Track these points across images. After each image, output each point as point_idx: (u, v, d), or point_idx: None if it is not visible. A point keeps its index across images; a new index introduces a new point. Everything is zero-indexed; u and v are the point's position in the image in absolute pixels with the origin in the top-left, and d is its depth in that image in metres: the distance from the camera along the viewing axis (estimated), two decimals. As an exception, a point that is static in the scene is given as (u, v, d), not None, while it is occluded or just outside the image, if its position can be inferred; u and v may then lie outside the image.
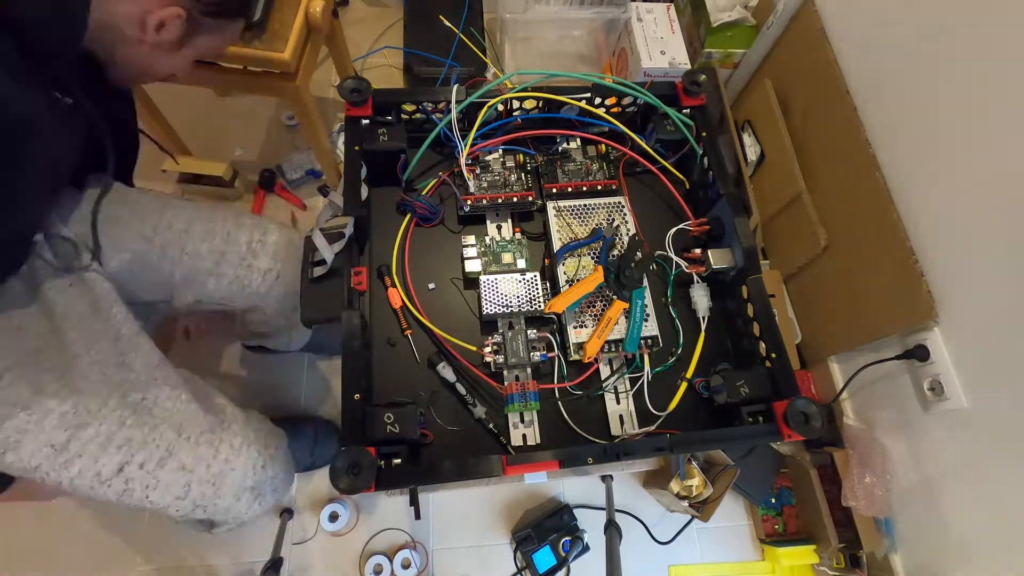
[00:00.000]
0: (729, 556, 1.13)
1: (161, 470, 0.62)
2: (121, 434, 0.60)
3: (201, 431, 0.65)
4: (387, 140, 0.69)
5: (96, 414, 0.59)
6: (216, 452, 0.65)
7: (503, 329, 0.65)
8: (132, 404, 0.62)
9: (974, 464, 0.84)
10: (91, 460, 0.58)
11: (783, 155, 1.11)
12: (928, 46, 0.86)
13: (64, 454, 0.57)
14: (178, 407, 0.65)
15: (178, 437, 0.63)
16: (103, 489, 0.60)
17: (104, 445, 0.59)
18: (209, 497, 0.65)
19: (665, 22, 1.27)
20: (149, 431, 0.61)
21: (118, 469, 0.60)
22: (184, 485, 0.63)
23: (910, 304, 0.88)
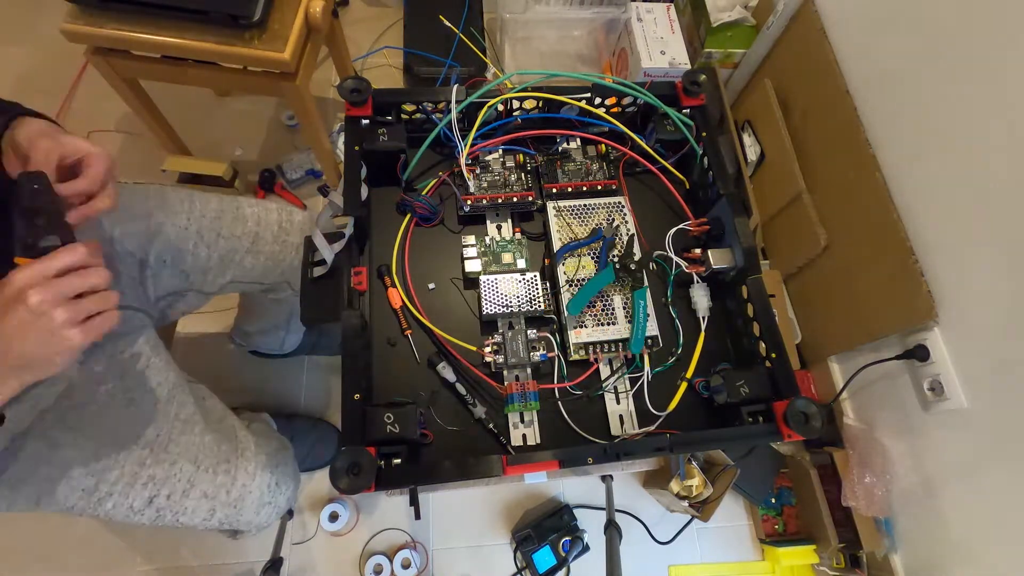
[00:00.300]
0: (729, 556, 1.13)
1: (186, 499, 0.66)
2: (144, 473, 0.63)
3: (217, 462, 0.69)
4: (387, 140, 0.69)
5: (116, 459, 0.61)
6: (233, 480, 0.70)
7: (503, 329, 0.65)
8: (148, 443, 0.64)
9: (974, 464, 0.84)
10: (122, 497, 0.62)
11: (783, 155, 1.12)
12: (928, 46, 0.86)
13: (96, 494, 0.61)
14: (192, 440, 0.68)
15: (196, 470, 0.67)
16: (137, 518, 0.64)
17: (131, 483, 0.62)
18: (232, 516, 0.70)
19: (665, 22, 1.27)
20: (169, 467, 0.65)
21: (148, 502, 0.63)
22: (209, 509, 0.68)
23: (910, 304, 0.88)
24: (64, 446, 0.58)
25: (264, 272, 0.78)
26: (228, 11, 0.87)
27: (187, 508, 0.66)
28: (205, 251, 0.71)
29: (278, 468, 0.76)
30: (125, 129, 1.36)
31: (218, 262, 0.73)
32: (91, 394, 0.61)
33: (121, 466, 0.61)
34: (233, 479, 0.70)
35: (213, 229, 0.72)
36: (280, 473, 0.77)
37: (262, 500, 0.73)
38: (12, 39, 1.45)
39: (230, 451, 0.71)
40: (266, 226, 0.77)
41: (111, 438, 0.61)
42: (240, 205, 0.76)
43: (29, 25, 1.47)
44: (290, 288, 0.84)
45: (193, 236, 0.70)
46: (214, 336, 1.18)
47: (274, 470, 0.75)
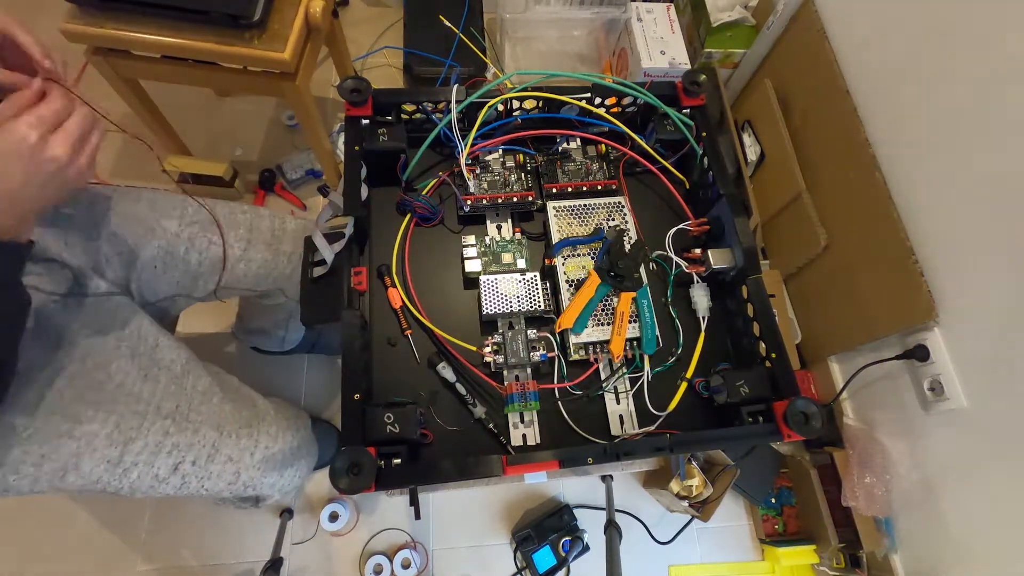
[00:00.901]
0: (729, 556, 1.13)
1: (212, 464, 0.67)
2: (168, 441, 0.64)
3: (239, 426, 0.70)
4: (387, 140, 0.69)
5: (139, 429, 0.62)
6: (256, 443, 0.71)
7: (503, 329, 0.65)
8: (169, 414, 0.65)
9: (974, 464, 0.84)
10: (147, 466, 0.62)
11: (783, 155, 1.12)
12: (928, 45, 0.86)
13: (121, 465, 0.61)
14: (212, 409, 0.69)
15: (219, 435, 0.68)
16: (162, 486, 0.64)
17: (155, 453, 0.63)
18: (257, 479, 0.71)
19: (665, 22, 1.27)
20: (192, 434, 0.65)
21: (173, 469, 0.64)
22: (234, 473, 0.69)
23: (910, 304, 0.88)
24: (87, 421, 0.59)
25: (256, 279, 0.78)
26: (228, 11, 0.87)
27: (212, 473, 0.67)
28: (196, 257, 0.71)
29: (299, 432, 0.79)
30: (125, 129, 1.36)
31: (209, 268, 0.73)
32: (106, 373, 0.62)
33: (145, 436, 0.62)
34: (256, 442, 0.71)
35: (204, 235, 0.72)
36: (301, 437, 0.79)
37: (285, 462, 0.74)
38: (12, 39, 1.45)
39: (251, 416, 0.72)
40: (258, 233, 0.77)
41: (132, 411, 0.62)
42: (232, 211, 0.76)
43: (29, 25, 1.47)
44: (283, 296, 0.85)
45: (184, 242, 0.70)
46: (214, 336, 1.18)
47: (295, 433, 0.77)
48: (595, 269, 0.68)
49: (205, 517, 1.06)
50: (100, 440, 0.59)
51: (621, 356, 0.66)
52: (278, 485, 0.76)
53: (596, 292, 0.66)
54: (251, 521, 1.06)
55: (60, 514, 1.05)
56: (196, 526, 1.06)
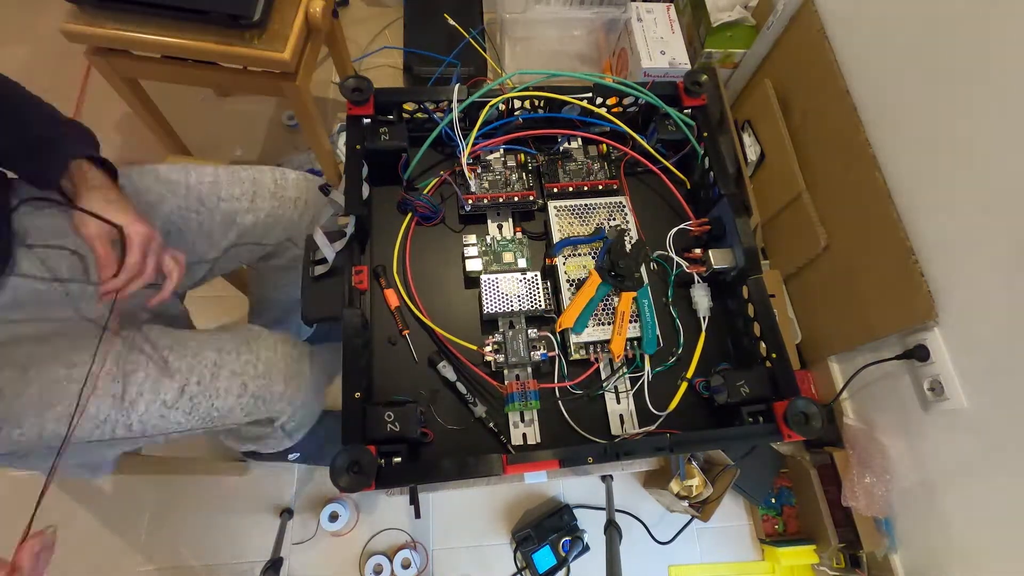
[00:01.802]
0: (729, 556, 1.13)
1: (217, 381, 0.67)
2: (170, 367, 0.65)
3: (237, 344, 0.71)
4: (388, 139, 0.69)
5: (138, 362, 0.63)
6: (257, 356, 0.72)
7: (504, 328, 0.65)
8: (168, 345, 0.66)
9: (974, 464, 0.84)
10: (153, 394, 0.63)
11: (783, 155, 1.12)
12: (928, 45, 0.86)
13: (126, 397, 0.62)
14: (210, 335, 0.71)
15: (219, 354, 0.69)
16: (172, 414, 0.65)
17: (158, 379, 0.63)
18: (265, 387, 0.72)
19: (665, 22, 1.27)
20: (192, 358, 0.67)
21: (180, 392, 0.65)
22: (240, 385, 0.69)
23: (910, 304, 0.88)
24: (82, 364, 0.59)
25: (265, 230, 0.80)
26: (228, 11, 0.87)
27: (219, 389, 0.67)
28: (208, 215, 0.74)
29: (296, 346, 0.79)
30: (125, 129, 1.36)
31: (220, 224, 0.75)
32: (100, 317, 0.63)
33: (145, 366, 0.63)
34: (256, 355, 0.72)
35: (212, 193, 0.74)
36: (299, 349, 0.80)
37: (288, 370, 0.75)
38: (12, 39, 1.45)
39: (248, 336, 0.74)
40: (262, 184, 0.79)
41: (130, 350, 0.63)
42: (235, 170, 0.78)
43: (29, 25, 1.47)
44: (294, 247, 0.86)
45: (194, 203, 0.73)
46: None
47: (293, 346, 0.78)
48: (596, 269, 0.68)
49: (205, 517, 1.07)
50: (103, 379, 0.60)
51: (622, 356, 0.66)
52: (287, 395, 0.76)
53: (597, 292, 0.66)
54: (251, 521, 1.06)
55: (60, 514, 1.05)
56: (196, 526, 1.06)
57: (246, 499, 1.08)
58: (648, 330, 0.66)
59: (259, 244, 0.82)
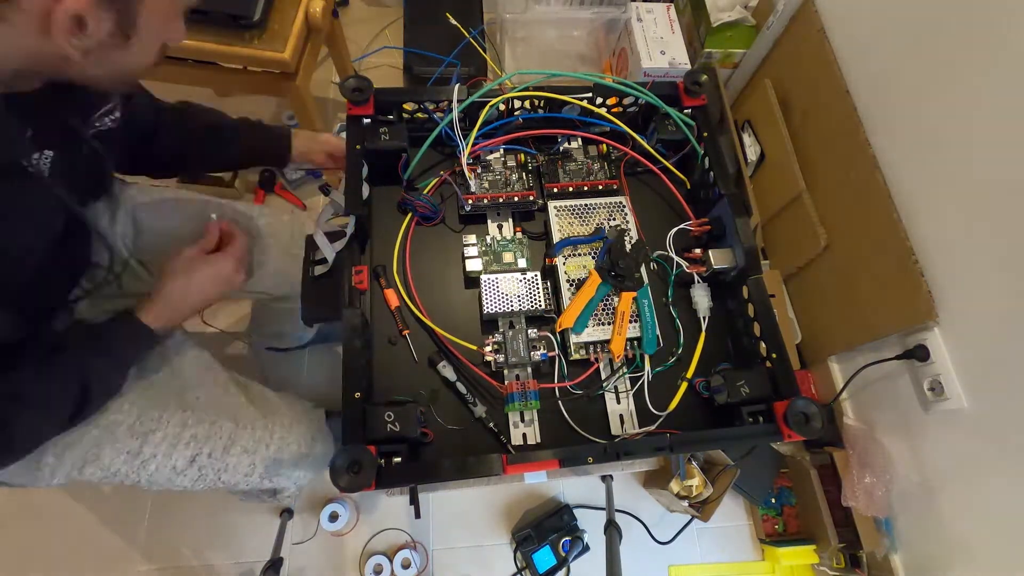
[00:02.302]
0: (729, 556, 1.13)
1: (228, 456, 0.68)
2: (187, 433, 0.65)
3: (255, 418, 0.72)
4: (388, 139, 0.69)
5: (159, 420, 0.64)
6: (272, 434, 0.72)
7: (504, 328, 0.65)
8: (190, 404, 0.66)
9: (974, 464, 0.84)
10: (166, 458, 0.64)
11: (783, 155, 1.12)
12: (928, 46, 0.86)
13: (140, 457, 0.63)
14: (230, 401, 0.71)
15: (236, 427, 0.69)
16: (179, 479, 0.66)
17: (174, 444, 0.64)
18: (272, 469, 0.73)
19: (665, 22, 1.27)
20: (210, 426, 0.67)
21: (191, 461, 0.65)
22: (250, 464, 0.70)
23: (910, 304, 0.88)
24: (110, 411, 0.61)
25: (274, 284, 0.81)
26: (228, 11, 0.87)
27: (229, 465, 0.68)
28: None
29: (312, 423, 0.80)
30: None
31: None
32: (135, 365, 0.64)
33: (164, 427, 0.63)
34: (271, 433, 0.72)
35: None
36: (315, 428, 0.80)
37: (300, 452, 0.75)
38: (12, 39, 1.45)
39: (265, 410, 0.74)
40: (277, 239, 0.80)
41: (154, 402, 0.64)
42: (253, 217, 0.79)
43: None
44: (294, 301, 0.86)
45: None
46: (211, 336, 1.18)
47: (308, 424, 0.78)
48: (596, 269, 0.68)
49: (205, 517, 1.06)
50: (122, 430, 0.61)
51: (622, 356, 0.66)
52: (294, 476, 0.77)
53: (597, 292, 0.66)
54: (251, 521, 1.06)
55: (60, 514, 1.05)
56: (196, 526, 1.06)
57: (246, 499, 1.08)
58: (648, 330, 0.66)
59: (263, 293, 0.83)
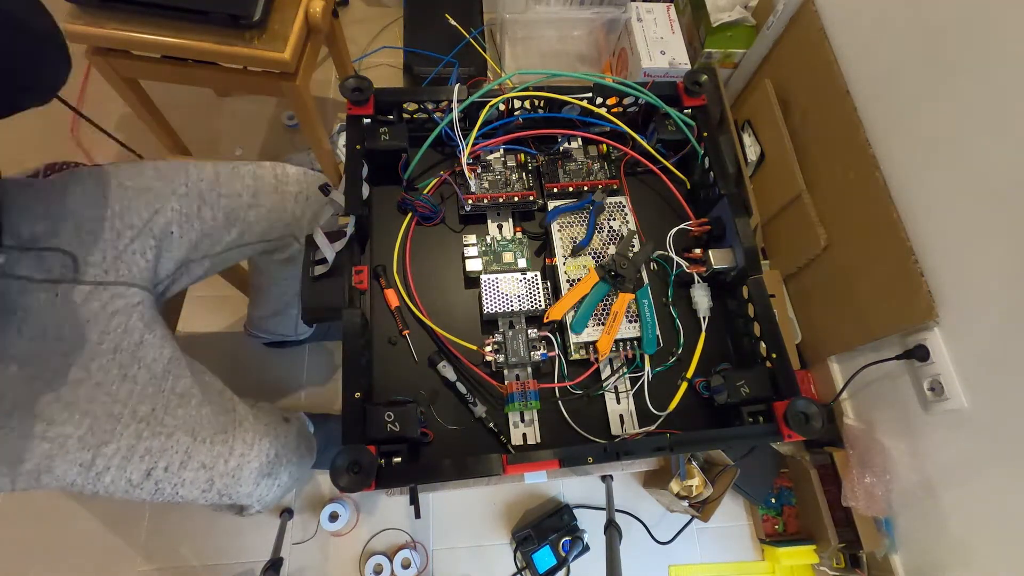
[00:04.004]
0: (729, 556, 1.13)
1: (184, 471, 0.66)
2: (141, 446, 0.63)
3: (214, 432, 0.69)
4: (388, 139, 0.69)
5: (112, 432, 0.61)
6: (231, 449, 0.70)
7: (504, 328, 0.65)
8: (144, 417, 0.64)
9: (974, 464, 0.84)
10: (120, 471, 0.62)
11: (783, 155, 1.12)
12: (928, 46, 0.86)
13: (93, 469, 0.61)
14: (189, 413, 0.68)
15: (193, 441, 0.67)
16: (136, 492, 0.64)
17: (127, 457, 0.62)
18: (231, 486, 0.70)
19: (665, 22, 1.27)
20: (165, 439, 0.64)
21: (146, 474, 0.63)
22: (207, 480, 0.68)
23: (910, 304, 0.88)
24: (60, 422, 0.59)
25: (268, 226, 0.79)
26: (228, 11, 0.87)
27: (185, 480, 0.66)
28: (209, 212, 0.72)
29: (277, 440, 0.77)
30: (125, 129, 1.36)
31: (223, 220, 0.74)
32: (86, 371, 0.61)
33: (118, 439, 0.61)
34: (231, 449, 0.70)
35: (213, 190, 0.73)
36: (280, 445, 0.77)
37: (261, 471, 0.73)
38: (12, 39, 1.45)
39: (227, 422, 0.71)
40: (263, 179, 0.78)
41: (107, 412, 0.61)
42: (236, 165, 0.77)
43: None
44: (296, 242, 0.85)
45: (195, 200, 0.71)
46: (215, 335, 1.18)
47: (273, 441, 0.76)
48: (596, 268, 0.68)
49: (205, 517, 1.06)
50: (72, 442, 0.59)
51: (607, 355, 0.66)
52: (255, 495, 0.74)
53: (595, 290, 0.66)
54: (251, 521, 1.06)
55: (60, 514, 1.05)
56: (196, 526, 1.06)
57: (246, 499, 1.08)
58: (648, 330, 0.66)
59: (261, 240, 0.81)
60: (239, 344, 1.16)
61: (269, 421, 0.79)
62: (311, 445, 0.93)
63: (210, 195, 0.73)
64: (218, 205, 0.73)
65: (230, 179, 0.75)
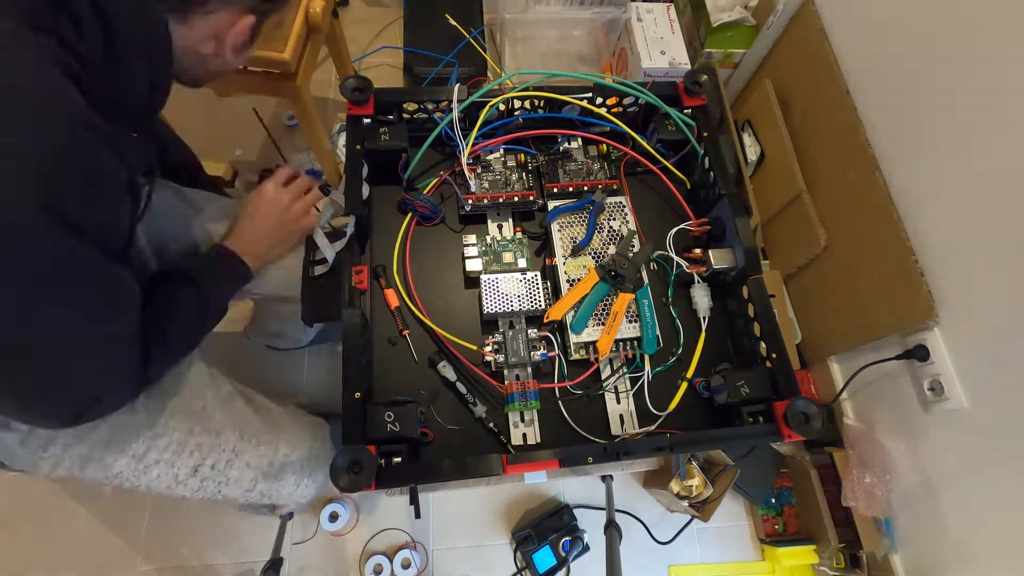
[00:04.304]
0: (729, 556, 1.13)
1: (231, 469, 0.67)
2: (192, 441, 0.64)
3: (259, 432, 0.70)
4: (388, 139, 0.69)
5: (166, 425, 0.62)
6: (276, 450, 0.71)
7: (504, 328, 0.65)
8: (195, 412, 0.65)
9: (974, 464, 0.84)
10: (168, 465, 0.63)
11: (783, 155, 1.12)
12: (928, 46, 0.86)
13: (144, 461, 0.61)
14: (235, 412, 0.69)
15: (240, 440, 0.68)
16: (180, 488, 0.65)
17: (178, 452, 0.63)
18: (273, 487, 0.72)
19: (665, 22, 1.27)
20: (215, 436, 0.66)
21: (193, 471, 0.64)
22: (251, 479, 0.69)
23: (910, 304, 0.88)
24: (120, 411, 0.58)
25: (281, 285, 0.78)
26: (229, 11, 0.87)
27: (230, 478, 0.67)
28: None
29: (315, 441, 0.79)
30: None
31: None
32: None
33: (171, 432, 0.62)
34: (275, 449, 0.71)
35: None
36: (319, 448, 0.79)
37: (302, 472, 0.74)
38: (12, 39, 1.45)
39: (270, 424, 0.73)
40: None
41: (161, 406, 0.62)
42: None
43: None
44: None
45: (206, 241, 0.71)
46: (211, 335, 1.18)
47: (312, 442, 0.77)
48: (596, 268, 0.68)
49: (205, 517, 1.06)
50: (130, 432, 0.59)
51: (607, 355, 0.66)
52: (295, 495, 0.76)
53: (595, 290, 0.66)
54: (251, 521, 1.06)
55: (60, 514, 1.05)
56: (196, 526, 1.06)
57: (246, 499, 1.08)
58: (648, 330, 0.66)
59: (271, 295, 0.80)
60: (239, 344, 1.16)
61: (306, 424, 0.80)
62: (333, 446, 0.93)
63: None
64: None
65: None
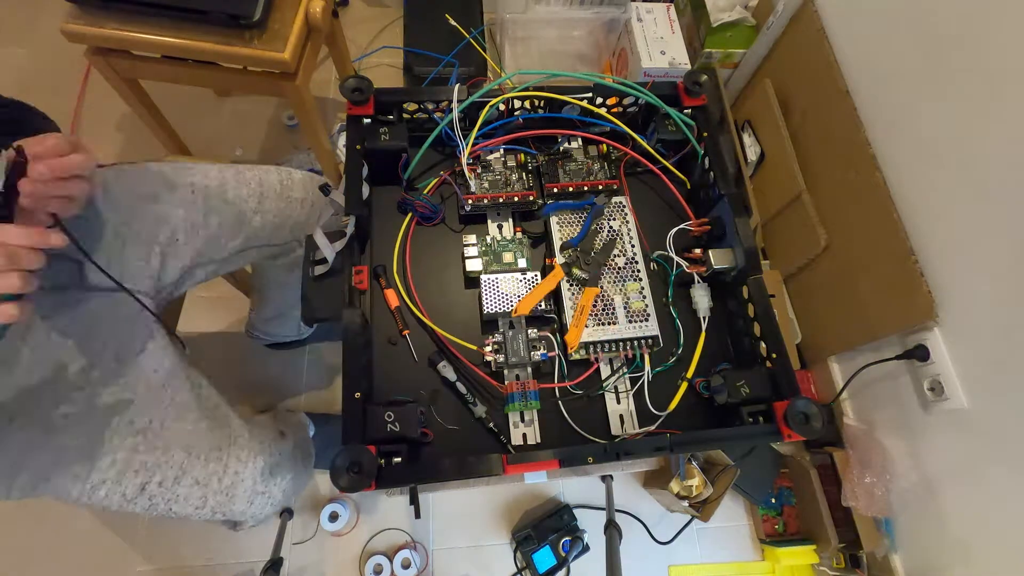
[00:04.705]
0: (729, 556, 1.13)
1: (178, 486, 0.66)
2: (136, 459, 0.63)
3: (210, 448, 0.69)
4: (388, 139, 0.69)
5: (110, 444, 0.61)
6: (225, 467, 0.70)
7: (504, 328, 0.65)
8: (141, 429, 0.64)
9: (974, 464, 0.84)
10: (115, 484, 0.62)
11: (783, 155, 1.12)
12: (928, 46, 0.86)
13: (89, 481, 0.61)
14: (185, 427, 0.68)
15: (188, 456, 0.67)
16: (131, 506, 0.64)
17: (123, 471, 0.62)
18: (224, 504, 0.70)
19: (665, 22, 1.27)
20: (161, 454, 0.65)
21: (140, 489, 0.64)
22: (200, 497, 0.68)
23: (910, 304, 0.88)
24: (58, 432, 0.58)
25: (274, 231, 0.78)
26: (228, 11, 0.87)
27: (179, 496, 0.66)
28: (215, 219, 0.71)
29: (272, 457, 0.77)
30: (125, 129, 1.36)
31: (229, 227, 0.73)
32: (86, 379, 0.61)
33: (114, 452, 0.61)
34: (225, 466, 0.70)
35: (219, 195, 0.71)
36: (274, 464, 0.77)
37: (255, 489, 0.73)
38: (13, 39, 1.45)
39: (222, 438, 0.71)
40: (268, 185, 0.77)
41: (104, 424, 0.61)
42: (240, 170, 0.76)
43: (29, 25, 1.47)
44: (299, 246, 0.84)
45: (201, 207, 0.69)
46: (212, 336, 1.18)
47: (268, 459, 0.76)
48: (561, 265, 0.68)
49: (205, 517, 1.06)
50: (71, 453, 0.59)
51: (575, 349, 0.65)
52: (249, 512, 0.75)
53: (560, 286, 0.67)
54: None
55: (60, 514, 1.05)
56: (196, 526, 1.06)
57: (246, 499, 1.08)
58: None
59: (266, 245, 0.80)
60: (239, 344, 1.16)
61: (264, 438, 0.79)
62: (308, 454, 0.92)
63: (216, 201, 0.71)
64: (223, 211, 0.72)
65: (236, 185, 0.74)
